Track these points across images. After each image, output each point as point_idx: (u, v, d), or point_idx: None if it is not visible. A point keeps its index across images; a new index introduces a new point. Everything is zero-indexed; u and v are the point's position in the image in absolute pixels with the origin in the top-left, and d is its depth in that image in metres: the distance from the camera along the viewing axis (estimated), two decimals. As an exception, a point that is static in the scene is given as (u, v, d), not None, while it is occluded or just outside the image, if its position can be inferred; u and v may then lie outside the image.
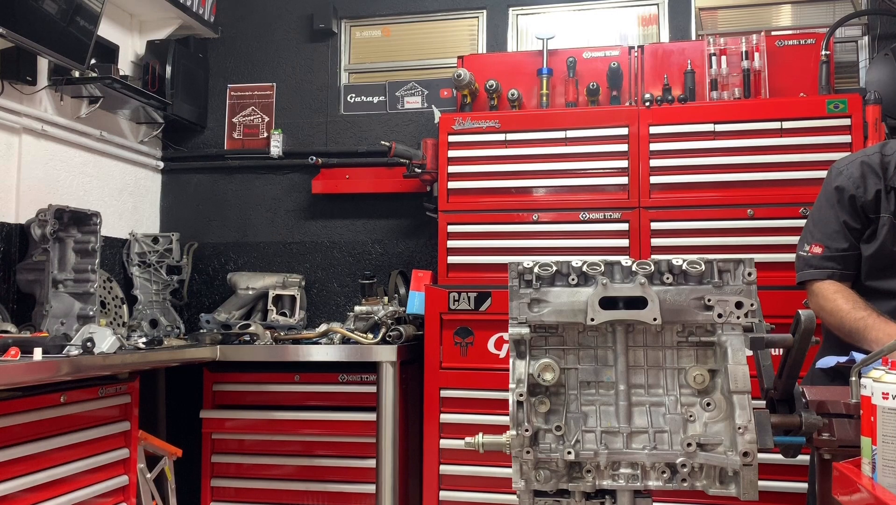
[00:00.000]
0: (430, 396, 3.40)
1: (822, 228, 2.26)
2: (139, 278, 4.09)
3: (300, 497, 3.56)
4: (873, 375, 1.36)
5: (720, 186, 3.31)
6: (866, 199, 2.16)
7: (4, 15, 2.99)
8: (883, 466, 1.30)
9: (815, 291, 2.24)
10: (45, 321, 3.22)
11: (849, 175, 2.20)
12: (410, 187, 4.01)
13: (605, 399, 1.62)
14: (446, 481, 3.38)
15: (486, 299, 3.37)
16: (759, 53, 3.52)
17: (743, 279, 1.57)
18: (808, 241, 2.27)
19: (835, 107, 3.21)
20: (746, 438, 1.47)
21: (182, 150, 4.54)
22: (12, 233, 3.41)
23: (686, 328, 1.62)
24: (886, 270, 2.15)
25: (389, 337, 3.47)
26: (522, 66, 3.80)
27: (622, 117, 3.43)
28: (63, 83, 3.59)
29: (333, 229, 4.36)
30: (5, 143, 3.42)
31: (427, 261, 4.07)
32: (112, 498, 2.97)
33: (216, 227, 4.48)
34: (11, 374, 2.38)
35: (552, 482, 1.58)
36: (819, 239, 2.24)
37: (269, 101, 4.48)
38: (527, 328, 1.60)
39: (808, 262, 2.26)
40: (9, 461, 2.45)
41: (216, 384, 3.72)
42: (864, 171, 2.18)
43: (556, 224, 3.45)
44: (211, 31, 4.50)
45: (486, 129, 3.54)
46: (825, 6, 4.00)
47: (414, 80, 4.33)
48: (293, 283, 4.13)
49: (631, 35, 4.16)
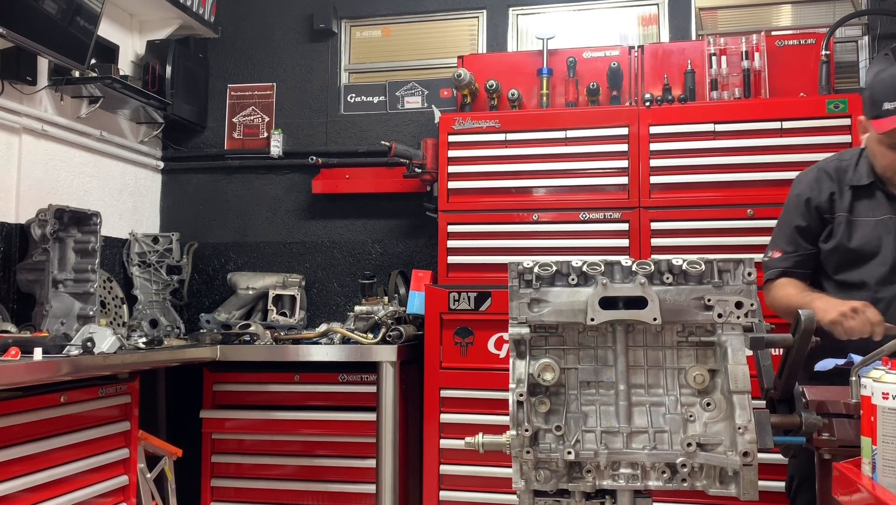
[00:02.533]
0: (430, 396, 3.40)
1: (781, 235, 2.43)
2: (139, 278, 4.09)
3: (300, 497, 3.56)
4: (873, 375, 1.36)
5: (720, 186, 3.31)
6: (821, 201, 2.31)
7: (4, 15, 2.99)
8: (883, 466, 1.30)
9: (770, 288, 2.41)
10: (45, 321, 3.22)
11: (806, 182, 2.38)
12: (410, 187, 4.01)
13: (605, 399, 1.62)
14: (446, 481, 3.38)
15: (486, 299, 3.37)
16: (759, 53, 3.52)
17: (743, 279, 1.58)
18: (771, 247, 2.46)
19: (835, 107, 3.21)
20: (746, 438, 1.47)
21: (182, 150, 4.53)
22: (12, 233, 3.41)
23: (686, 328, 1.62)
24: (849, 263, 2.28)
25: (389, 337, 3.46)
26: (522, 66, 3.80)
27: (622, 117, 3.43)
28: (63, 83, 3.59)
29: (333, 229, 4.36)
30: (5, 143, 3.42)
31: (427, 261, 4.07)
32: (112, 498, 2.97)
33: (216, 228, 4.48)
34: (11, 374, 2.38)
35: (552, 482, 1.58)
36: (778, 245, 2.43)
37: (269, 101, 4.48)
38: (527, 328, 1.60)
39: (768, 265, 2.43)
40: (9, 461, 2.45)
41: (216, 384, 3.72)
42: (819, 176, 2.35)
43: (556, 224, 3.45)
44: (211, 31, 4.50)
45: (486, 129, 3.54)
46: (825, 6, 4.00)
47: (414, 80, 4.33)
48: (293, 283, 4.13)
49: (631, 35, 4.16)
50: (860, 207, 2.26)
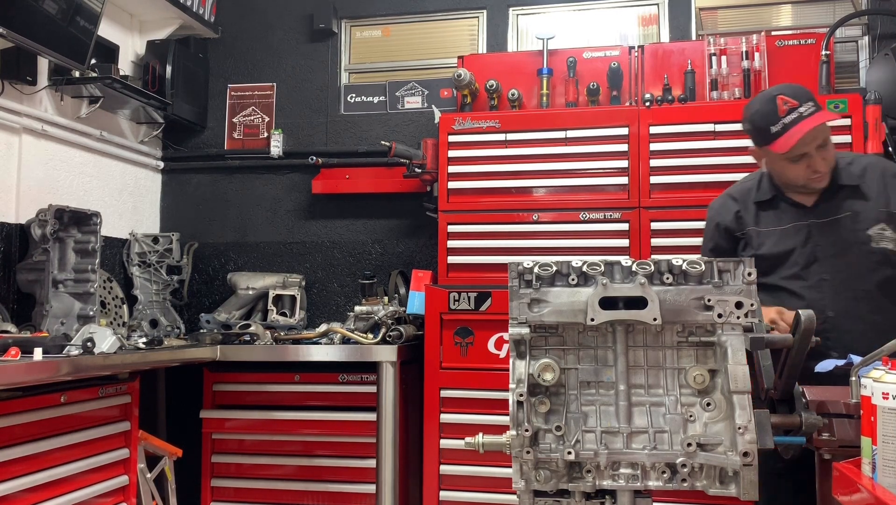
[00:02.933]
0: (430, 396, 3.40)
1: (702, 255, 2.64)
2: (139, 278, 4.09)
3: (300, 497, 3.56)
4: (873, 375, 1.36)
5: (720, 186, 3.27)
6: (728, 222, 2.54)
7: (4, 15, 2.99)
8: (883, 466, 1.30)
9: None
10: (45, 321, 3.22)
11: (715, 208, 2.62)
12: (410, 187, 4.01)
13: (605, 399, 1.62)
14: (446, 481, 3.38)
15: (486, 299, 3.37)
16: (760, 53, 3.52)
17: (743, 279, 1.57)
18: None
19: (835, 107, 3.21)
20: (746, 438, 1.47)
21: (182, 150, 4.53)
22: (12, 233, 3.41)
23: (686, 328, 1.62)
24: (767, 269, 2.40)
25: (389, 337, 3.46)
26: (522, 66, 3.80)
27: (622, 117, 3.43)
28: (63, 83, 3.59)
29: (333, 229, 4.36)
30: (5, 143, 3.42)
31: (427, 261, 4.07)
32: (112, 498, 2.97)
33: (216, 227, 4.48)
34: (11, 374, 2.38)
35: (552, 482, 1.58)
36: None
37: (269, 101, 4.48)
38: (527, 328, 1.60)
39: None
40: (9, 461, 2.45)
41: (216, 384, 3.72)
42: (725, 201, 2.59)
43: (556, 224, 3.45)
44: (211, 31, 4.50)
45: (486, 129, 3.54)
46: (825, 6, 4.00)
47: (414, 80, 4.33)
48: (293, 283, 4.13)
49: (631, 35, 4.16)
50: (766, 219, 2.48)
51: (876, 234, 2.34)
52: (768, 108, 2.31)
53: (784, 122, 2.26)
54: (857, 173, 2.41)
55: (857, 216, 2.37)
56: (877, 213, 2.36)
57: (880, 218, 2.35)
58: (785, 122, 2.26)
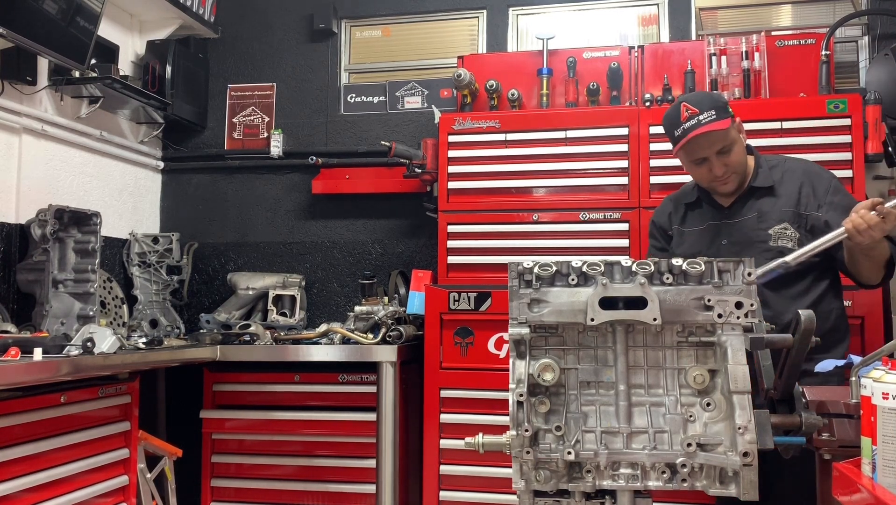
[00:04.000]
0: (430, 396, 3.40)
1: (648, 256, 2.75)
2: (139, 278, 4.09)
3: (300, 497, 3.56)
4: (873, 375, 1.36)
5: (720, 186, 3.30)
6: (662, 222, 2.71)
7: (4, 15, 2.99)
8: (883, 466, 1.30)
9: None
10: (45, 321, 3.22)
11: (657, 211, 2.78)
12: (410, 187, 4.00)
13: (605, 399, 1.62)
14: (446, 481, 3.38)
15: (486, 299, 3.37)
16: (759, 53, 3.52)
17: (743, 279, 1.58)
18: None
19: (835, 107, 3.21)
20: (746, 438, 1.47)
21: (182, 150, 4.53)
22: (12, 233, 3.41)
23: (686, 328, 1.62)
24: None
25: (389, 337, 3.46)
26: (522, 66, 3.80)
27: (622, 117, 3.43)
28: (63, 83, 3.58)
29: (333, 229, 4.36)
30: (5, 143, 3.42)
31: (427, 261, 4.07)
32: (112, 498, 2.97)
33: (216, 227, 4.48)
34: (11, 374, 2.37)
35: (552, 482, 1.58)
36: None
37: (269, 101, 4.48)
38: (527, 328, 1.60)
39: None
40: (9, 461, 2.45)
41: (216, 384, 3.72)
42: (665, 204, 2.75)
43: (556, 224, 3.44)
44: (211, 31, 4.50)
45: (486, 129, 3.54)
46: (825, 6, 4.00)
47: (414, 80, 4.33)
48: (293, 283, 4.12)
49: (631, 35, 4.15)
50: (690, 219, 2.63)
51: (777, 232, 2.43)
52: (673, 114, 2.45)
53: (684, 127, 2.39)
54: (777, 176, 2.51)
55: (764, 216, 2.46)
56: (781, 213, 2.44)
57: (784, 217, 2.43)
58: (684, 128, 2.39)
